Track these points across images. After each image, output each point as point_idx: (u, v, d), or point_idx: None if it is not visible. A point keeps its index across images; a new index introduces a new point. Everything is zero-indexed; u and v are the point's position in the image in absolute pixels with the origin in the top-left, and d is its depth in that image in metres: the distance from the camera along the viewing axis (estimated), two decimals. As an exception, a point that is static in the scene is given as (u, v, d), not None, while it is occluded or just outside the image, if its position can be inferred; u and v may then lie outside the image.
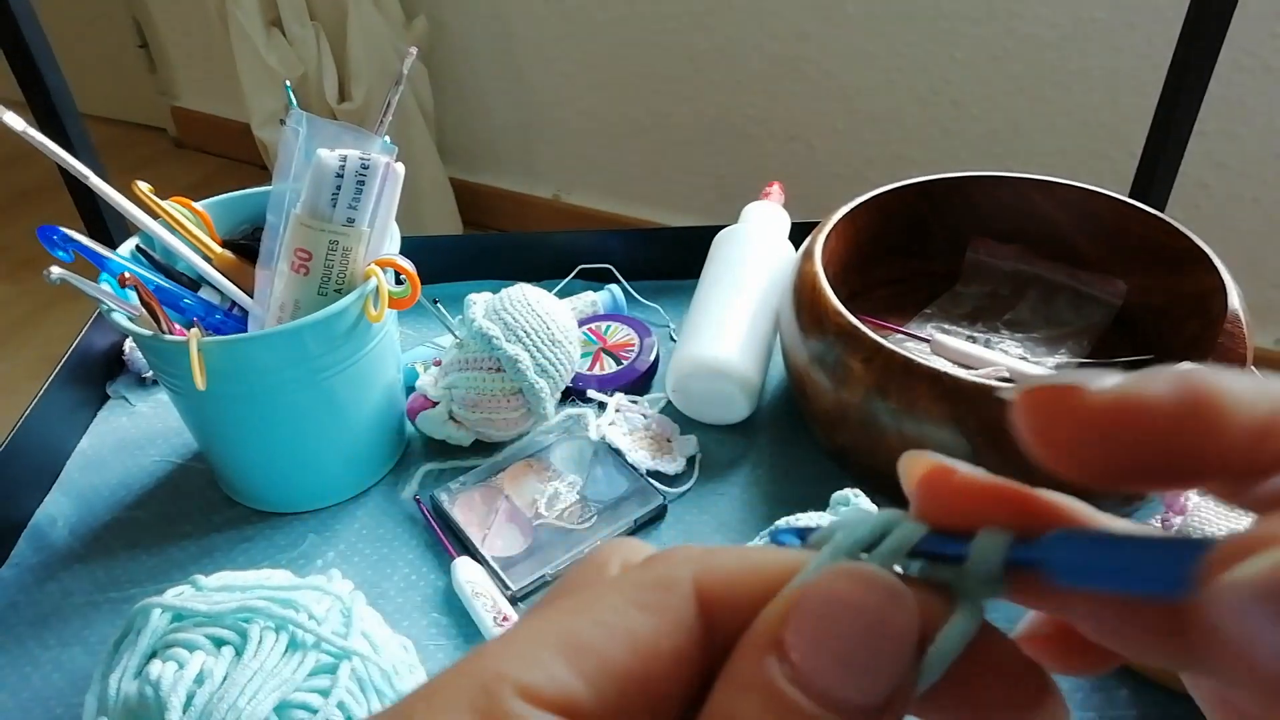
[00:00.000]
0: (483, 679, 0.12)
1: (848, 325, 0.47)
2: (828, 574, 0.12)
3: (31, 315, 1.59)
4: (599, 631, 0.12)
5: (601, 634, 0.12)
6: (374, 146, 0.46)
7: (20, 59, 0.59)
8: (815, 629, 0.12)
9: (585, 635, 0.12)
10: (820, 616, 0.12)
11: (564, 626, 0.13)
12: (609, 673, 0.12)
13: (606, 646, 0.12)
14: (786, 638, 0.12)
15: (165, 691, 0.36)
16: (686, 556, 0.14)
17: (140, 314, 0.45)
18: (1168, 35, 0.94)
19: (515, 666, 0.12)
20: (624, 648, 0.12)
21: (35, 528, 0.52)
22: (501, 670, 0.12)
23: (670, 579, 0.13)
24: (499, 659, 0.12)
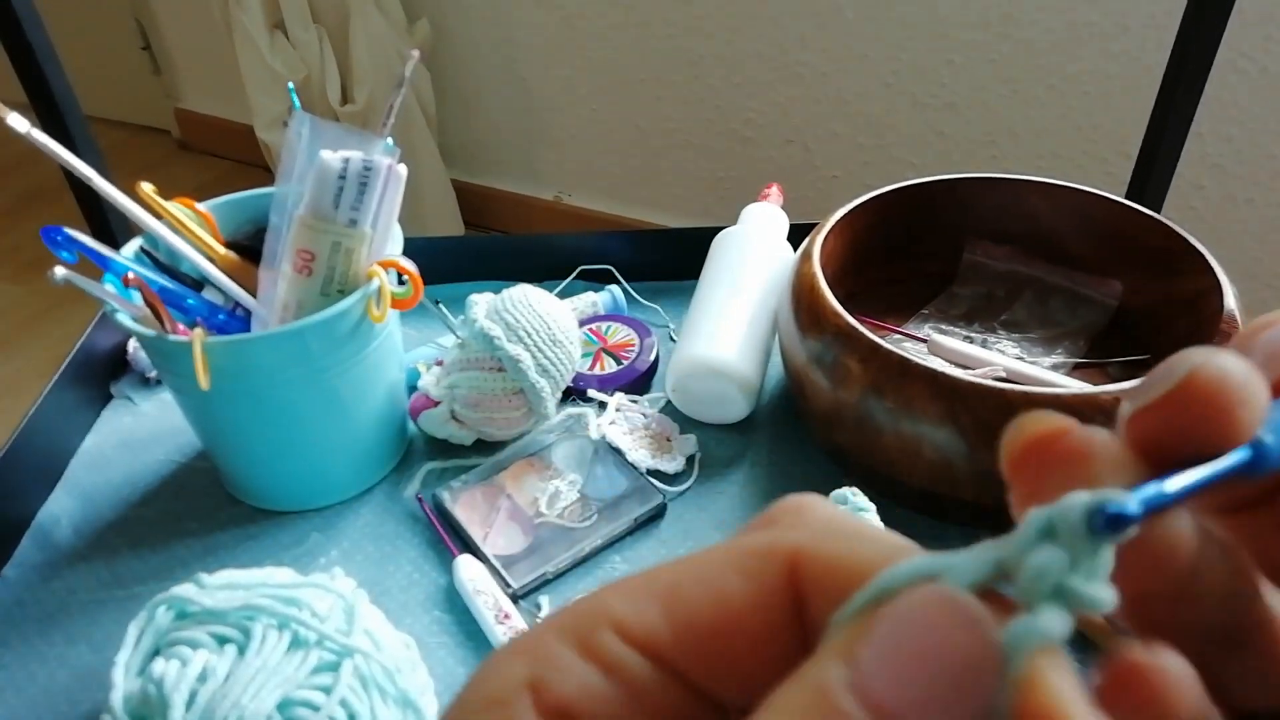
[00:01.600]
0: (590, 608, 0.13)
1: (845, 325, 0.47)
2: (919, 592, 0.11)
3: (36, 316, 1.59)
4: (696, 587, 0.13)
5: (698, 590, 0.13)
6: (376, 148, 0.47)
7: (24, 61, 0.59)
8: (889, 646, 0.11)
9: (684, 587, 0.13)
10: (896, 635, 0.11)
11: (672, 576, 0.13)
12: (693, 626, 0.13)
13: (698, 601, 0.13)
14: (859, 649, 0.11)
15: (168, 689, 0.36)
16: (785, 531, 0.14)
17: (144, 314, 0.45)
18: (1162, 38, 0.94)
19: (618, 603, 0.13)
20: (713, 606, 0.13)
21: (39, 527, 0.53)
22: (607, 605, 0.13)
23: (770, 551, 0.13)
24: (609, 595, 0.13)
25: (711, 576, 0.13)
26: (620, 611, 0.13)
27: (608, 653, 0.13)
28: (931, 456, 0.44)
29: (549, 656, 0.13)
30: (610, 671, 0.13)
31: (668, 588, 0.13)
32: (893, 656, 0.11)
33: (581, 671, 0.13)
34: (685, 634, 0.13)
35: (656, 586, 0.13)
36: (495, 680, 0.13)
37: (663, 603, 0.13)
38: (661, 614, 0.13)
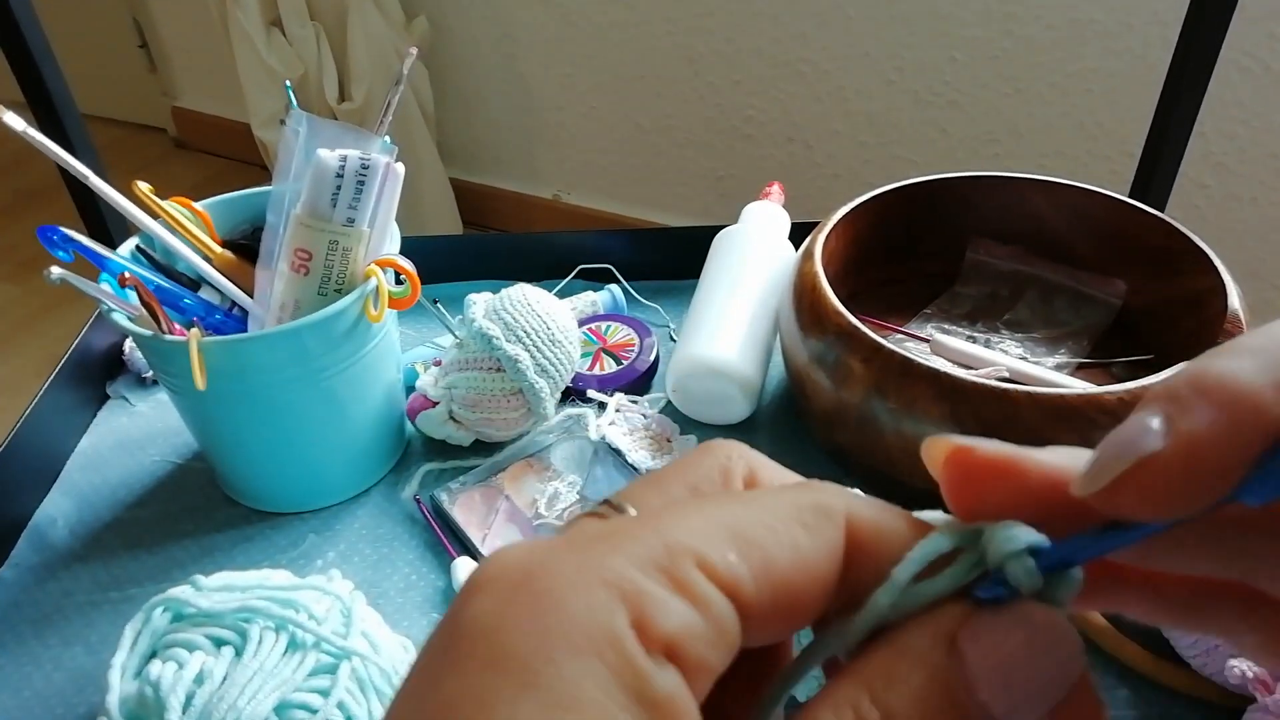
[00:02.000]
0: (665, 542, 0.13)
1: (847, 325, 0.47)
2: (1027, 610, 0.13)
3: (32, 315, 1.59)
4: (769, 535, 0.13)
5: (771, 538, 0.13)
6: (374, 147, 0.46)
7: (21, 59, 0.59)
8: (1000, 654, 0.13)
9: (756, 534, 0.13)
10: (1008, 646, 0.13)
11: (735, 519, 0.13)
12: (770, 574, 0.13)
13: (774, 550, 0.13)
14: (966, 649, 0.13)
15: (165, 691, 0.36)
16: (840, 492, 0.15)
17: (140, 314, 0.45)
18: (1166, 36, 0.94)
19: (696, 541, 0.13)
20: (788, 556, 0.13)
21: (35, 528, 0.52)
22: (684, 540, 0.13)
23: (830, 508, 0.14)
24: (678, 531, 0.13)
25: (782, 527, 0.13)
26: (700, 549, 0.13)
27: (700, 591, 0.13)
28: (934, 457, 0.44)
29: (645, 593, 0.12)
30: (702, 609, 0.13)
31: (737, 531, 0.13)
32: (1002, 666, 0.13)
33: (681, 609, 0.12)
34: (763, 582, 0.13)
35: (727, 528, 0.13)
36: (589, 617, 0.12)
37: (739, 547, 0.13)
38: (740, 559, 0.13)
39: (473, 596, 0.13)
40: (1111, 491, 0.12)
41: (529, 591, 0.12)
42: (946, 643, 0.13)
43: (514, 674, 0.11)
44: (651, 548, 0.13)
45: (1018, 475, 0.14)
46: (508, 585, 0.12)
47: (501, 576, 0.13)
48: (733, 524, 0.13)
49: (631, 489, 0.16)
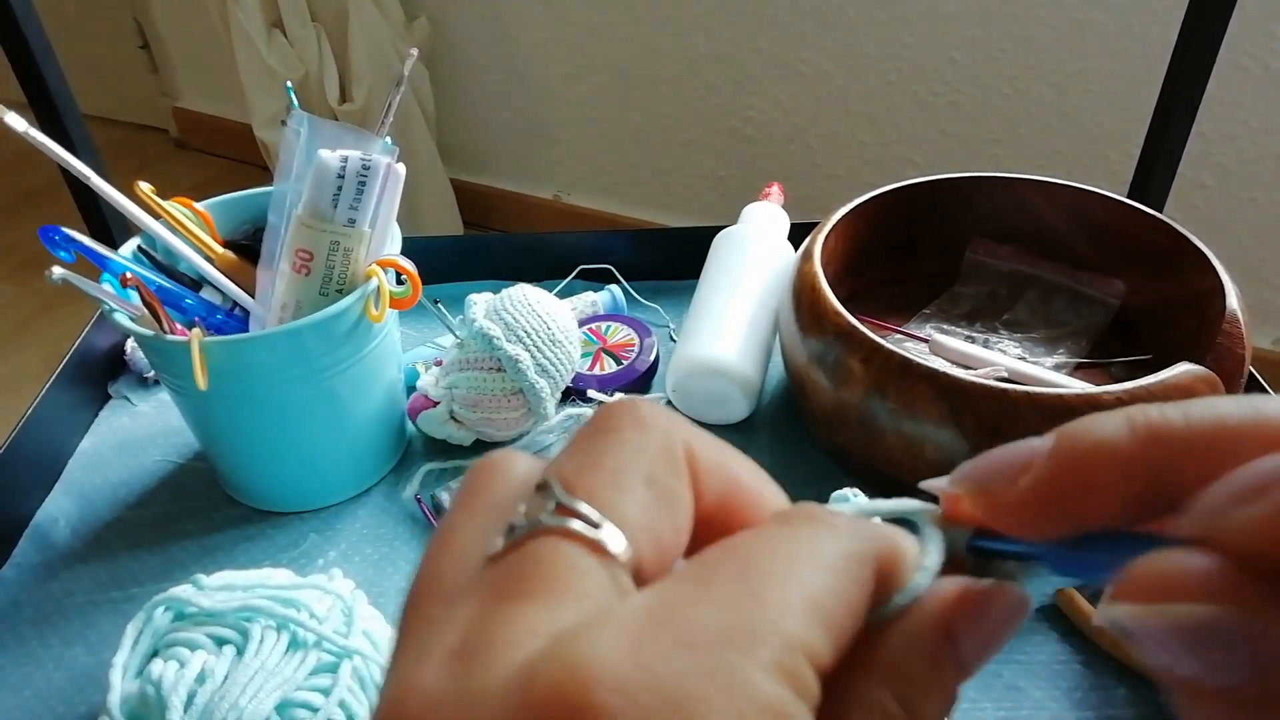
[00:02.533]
0: (782, 634, 0.13)
1: (847, 325, 0.47)
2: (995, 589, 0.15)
3: (34, 316, 1.59)
4: (838, 603, 0.14)
5: (841, 606, 0.14)
6: (375, 147, 0.46)
7: (22, 60, 0.59)
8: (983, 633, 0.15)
9: (830, 605, 0.14)
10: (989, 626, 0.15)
11: (813, 591, 0.13)
12: (841, 638, 0.14)
13: (840, 614, 0.14)
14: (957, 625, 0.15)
15: (167, 690, 0.36)
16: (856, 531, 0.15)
17: (142, 314, 0.45)
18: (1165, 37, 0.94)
19: (797, 627, 0.13)
20: (851, 617, 0.14)
21: (37, 527, 0.53)
22: (792, 630, 0.13)
23: (863, 555, 0.15)
24: (783, 615, 0.13)
25: (844, 590, 0.14)
26: (806, 639, 0.13)
27: (811, 686, 0.13)
28: (933, 457, 0.44)
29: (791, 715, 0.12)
30: (809, 700, 0.13)
31: (818, 605, 0.13)
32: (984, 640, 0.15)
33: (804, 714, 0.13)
34: (838, 648, 0.14)
35: (809, 602, 0.13)
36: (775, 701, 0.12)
37: (821, 622, 0.13)
38: (824, 634, 0.13)
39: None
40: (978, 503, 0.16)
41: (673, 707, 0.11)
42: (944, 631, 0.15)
43: None
44: (774, 648, 0.12)
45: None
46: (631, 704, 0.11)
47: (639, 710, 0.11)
48: (814, 597, 0.13)
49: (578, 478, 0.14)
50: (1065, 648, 0.44)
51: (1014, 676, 0.43)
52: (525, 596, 0.13)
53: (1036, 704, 0.42)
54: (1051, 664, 0.43)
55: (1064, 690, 0.42)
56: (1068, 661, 0.43)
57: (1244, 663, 0.11)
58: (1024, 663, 0.43)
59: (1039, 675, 0.43)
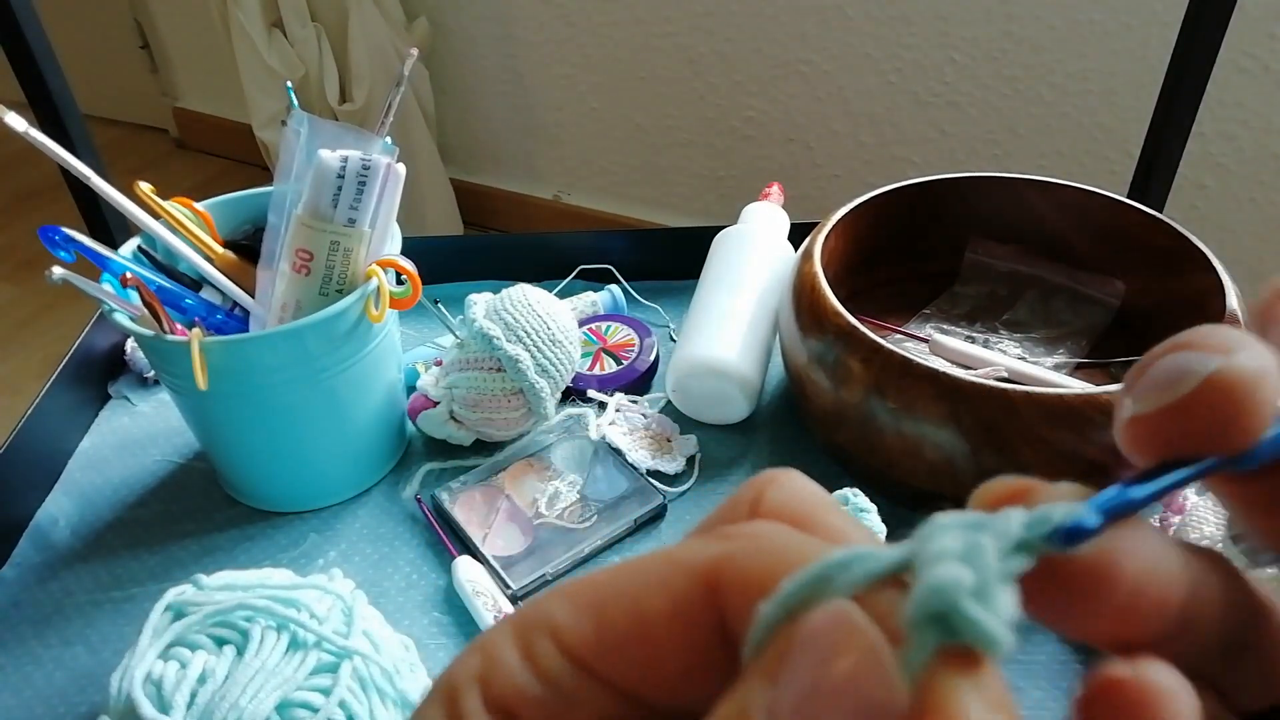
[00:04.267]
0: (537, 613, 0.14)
1: (847, 325, 0.47)
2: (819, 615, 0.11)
3: (33, 316, 1.59)
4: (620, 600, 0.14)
5: (620, 603, 0.14)
6: (375, 147, 0.46)
7: (22, 60, 0.59)
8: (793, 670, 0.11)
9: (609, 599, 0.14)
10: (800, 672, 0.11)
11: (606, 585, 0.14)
12: (614, 638, 0.14)
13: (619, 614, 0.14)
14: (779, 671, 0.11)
15: (168, 691, 0.36)
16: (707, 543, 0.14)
17: (142, 314, 0.45)
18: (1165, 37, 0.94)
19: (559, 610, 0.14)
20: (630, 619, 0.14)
21: (37, 527, 0.53)
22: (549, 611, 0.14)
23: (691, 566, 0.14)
24: (556, 600, 0.14)
25: (635, 590, 0.14)
26: (559, 618, 0.14)
27: (542, 658, 0.14)
28: (933, 457, 0.44)
29: (496, 656, 0.14)
30: (542, 676, 0.14)
31: (599, 599, 0.14)
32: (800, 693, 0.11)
33: (519, 673, 0.14)
34: (608, 645, 0.14)
35: (593, 595, 0.14)
36: (456, 669, 0.14)
37: (594, 613, 0.14)
38: (592, 624, 0.14)
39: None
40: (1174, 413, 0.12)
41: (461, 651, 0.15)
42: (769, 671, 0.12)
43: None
44: (526, 620, 0.14)
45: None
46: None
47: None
48: (601, 591, 0.14)
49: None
50: (1065, 648, 0.44)
51: (1013, 677, 0.43)
52: None
53: (1036, 704, 0.42)
54: (1051, 664, 0.43)
55: (1064, 690, 0.42)
56: (1067, 662, 0.43)
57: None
58: (1024, 663, 0.43)
59: (1038, 676, 0.43)
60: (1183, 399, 0.12)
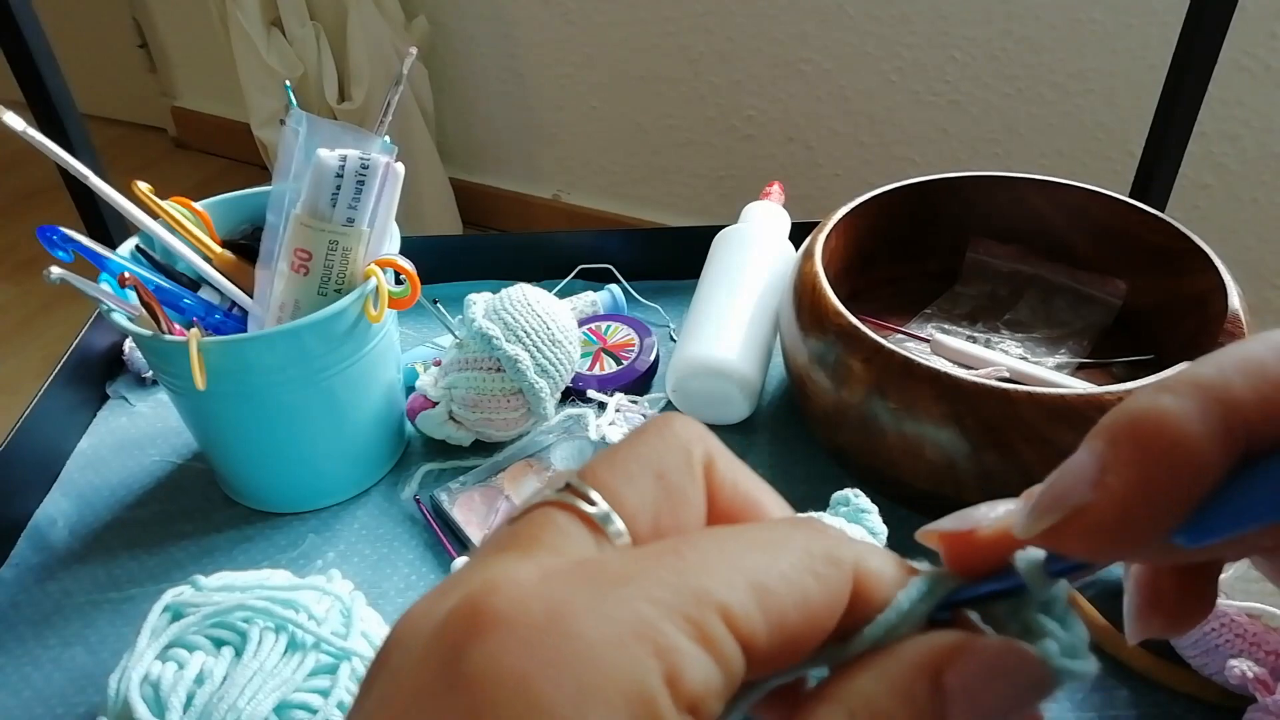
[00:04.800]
0: (694, 589, 0.13)
1: (848, 325, 0.47)
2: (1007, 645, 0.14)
3: (31, 316, 1.59)
4: (785, 586, 0.14)
5: (787, 589, 0.14)
6: (374, 146, 0.46)
7: (20, 59, 0.59)
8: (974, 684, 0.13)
9: (775, 584, 0.13)
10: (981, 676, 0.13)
11: (757, 567, 0.14)
12: (783, 624, 0.13)
13: (789, 602, 0.13)
14: (947, 679, 0.13)
15: (165, 692, 0.36)
16: (846, 540, 0.15)
17: (140, 314, 0.45)
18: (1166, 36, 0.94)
19: (722, 590, 0.13)
20: (799, 608, 0.14)
21: (35, 528, 0.52)
22: (710, 589, 0.13)
23: (840, 559, 0.14)
24: (705, 577, 0.13)
25: (797, 578, 0.14)
26: (727, 598, 0.13)
27: (723, 647, 0.13)
28: (934, 457, 0.44)
29: (677, 649, 0.12)
30: (723, 663, 0.13)
31: (759, 583, 0.13)
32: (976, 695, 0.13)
33: (708, 665, 0.12)
34: (776, 633, 0.13)
35: (748, 576, 0.13)
36: (626, 673, 0.11)
37: (759, 597, 0.13)
38: (758, 610, 0.13)
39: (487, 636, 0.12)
40: (1050, 536, 0.13)
41: (559, 637, 0.12)
42: (930, 676, 0.13)
43: None
44: (680, 595, 0.13)
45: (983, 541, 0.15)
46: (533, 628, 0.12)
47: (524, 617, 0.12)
48: (754, 572, 0.13)
49: (593, 470, 0.16)
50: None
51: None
52: (508, 548, 0.14)
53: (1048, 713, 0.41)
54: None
55: (1066, 691, 0.42)
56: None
57: None
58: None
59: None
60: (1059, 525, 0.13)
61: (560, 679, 0.11)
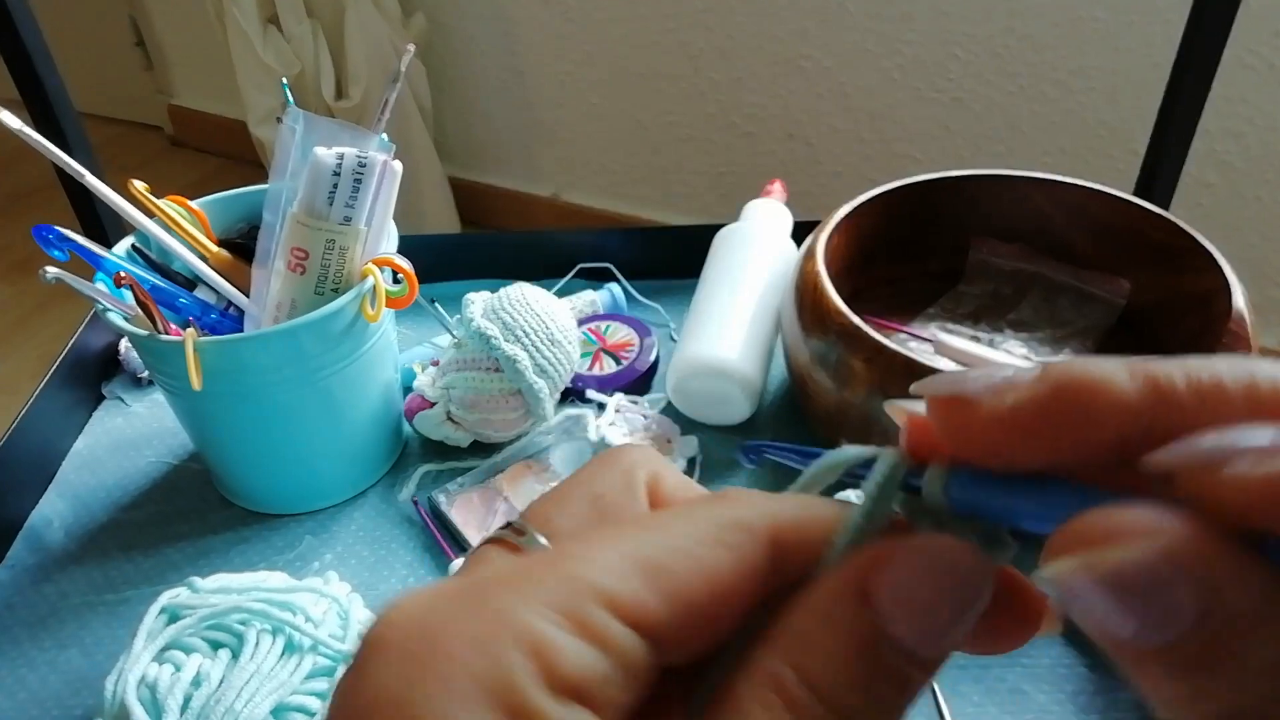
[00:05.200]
0: (568, 582, 0.13)
1: (850, 325, 0.46)
2: (920, 539, 0.13)
3: (27, 315, 1.58)
4: (679, 559, 0.13)
5: (682, 562, 0.13)
6: (371, 144, 0.46)
7: (16, 57, 0.59)
8: (904, 586, 0.13)
9: (669, 561, 0.13)
10: (910, 575, 0.13)
11: (643, 546, 0.13)
12: (683, 598, 0.13)
13: (685, 574, 0.13)
14: (874, 589, 0.13)
15: (162, 694, 0.36)
16: (755, 502, 0.15)
17: (136, 314, 0.44)
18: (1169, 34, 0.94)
19: (600, 576, 0.13)
20: (701, 579, 0.13)
21: (31, 529, 0.52)
22: (586, 576, 0.13)
23: (748, 523, 0.14)
24: (581, 565, 0.13)
25: (695, 551, 0.14)
26: (610, 585, 0.13)
27: (605, 632, 0.13)
28: (937, 458, 0.43)
29: (547, 640, 0.12)
30: (607, 649, 0.13)
31: (644, 560, 0.13)
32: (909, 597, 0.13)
33: (585, 653, 0.12)
34: (677, 608, 0.13)
35: (637, 558, 0.13)
36: (492, 672, 0.12)
37: (649, 577, 0.13)
38: (651, 589, 0.13)
39: (372, 661, 0.12)
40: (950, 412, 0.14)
41: (432, 655, 0.12)
42: (855, 594, 0.13)
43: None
44: (554, 591, 0.13)
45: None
46: (409, 650, 0.12)
47: (401, 640, 0.12)
48: (643, 553, 0.13)
49: (535, 508, 0.16)
50: (1069, 651, 0.43)
51: (1018, 680, 0.42)
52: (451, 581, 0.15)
53: (1041, 708, 0.41)
54: (1056, 668, 0.43)
55: (1068, 694, 0.42)
56: (1072, 665, 0.43)
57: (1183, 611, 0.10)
58: (1028, 667, 0.43)
59: (1043, 679, 0.42)
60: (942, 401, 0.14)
61: (429, 688, 0.12)
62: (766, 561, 0.14)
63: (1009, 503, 0.13)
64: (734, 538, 0.14)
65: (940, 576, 0.13)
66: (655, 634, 0.13)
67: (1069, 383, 0.12)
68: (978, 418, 0.13)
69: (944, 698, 0.41)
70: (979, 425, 0.13)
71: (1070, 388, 0.12)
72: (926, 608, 0.13)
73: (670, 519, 0.14)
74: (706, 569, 0.13)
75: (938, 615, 0.13)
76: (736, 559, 0.14)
